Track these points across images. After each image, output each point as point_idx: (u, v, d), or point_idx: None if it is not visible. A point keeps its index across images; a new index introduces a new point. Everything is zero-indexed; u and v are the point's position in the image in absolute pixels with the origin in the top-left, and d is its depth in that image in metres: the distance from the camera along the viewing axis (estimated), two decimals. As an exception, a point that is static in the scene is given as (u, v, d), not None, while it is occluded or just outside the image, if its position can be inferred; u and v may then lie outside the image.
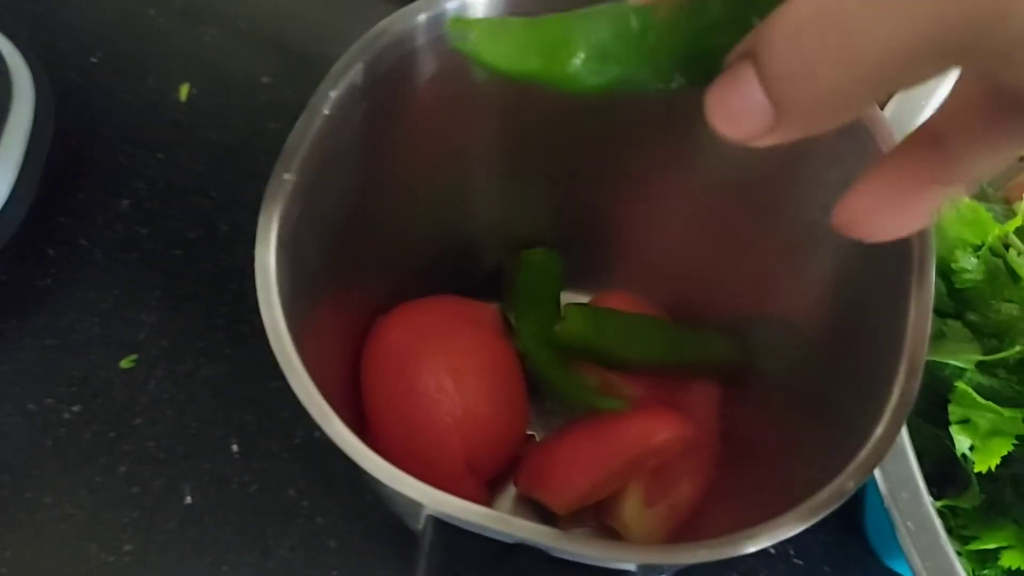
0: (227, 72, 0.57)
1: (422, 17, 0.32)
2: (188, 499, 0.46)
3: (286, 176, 0.29)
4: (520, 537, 0.25)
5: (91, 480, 0.46)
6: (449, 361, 0.37)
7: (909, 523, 0.30)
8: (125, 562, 0.44)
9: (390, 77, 0.32)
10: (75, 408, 0.48)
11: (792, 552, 0.46)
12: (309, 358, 0.28)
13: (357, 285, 0.37)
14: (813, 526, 0.48)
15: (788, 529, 0.25)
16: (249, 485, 0.46)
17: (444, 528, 0.26)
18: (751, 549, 0.25)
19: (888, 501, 0.31)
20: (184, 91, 0.56)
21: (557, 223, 0.41)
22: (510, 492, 0.42)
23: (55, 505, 0.45)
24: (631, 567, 0.26)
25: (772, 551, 0.46)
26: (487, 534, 0.26)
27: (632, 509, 0.38)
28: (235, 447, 0.47)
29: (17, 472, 0.46)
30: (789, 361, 0.37)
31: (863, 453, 0.26)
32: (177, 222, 0.52)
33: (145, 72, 0.57)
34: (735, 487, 0.38)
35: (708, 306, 0.41)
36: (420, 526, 0.28)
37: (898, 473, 0.31)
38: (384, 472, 0.25)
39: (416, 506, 0.27)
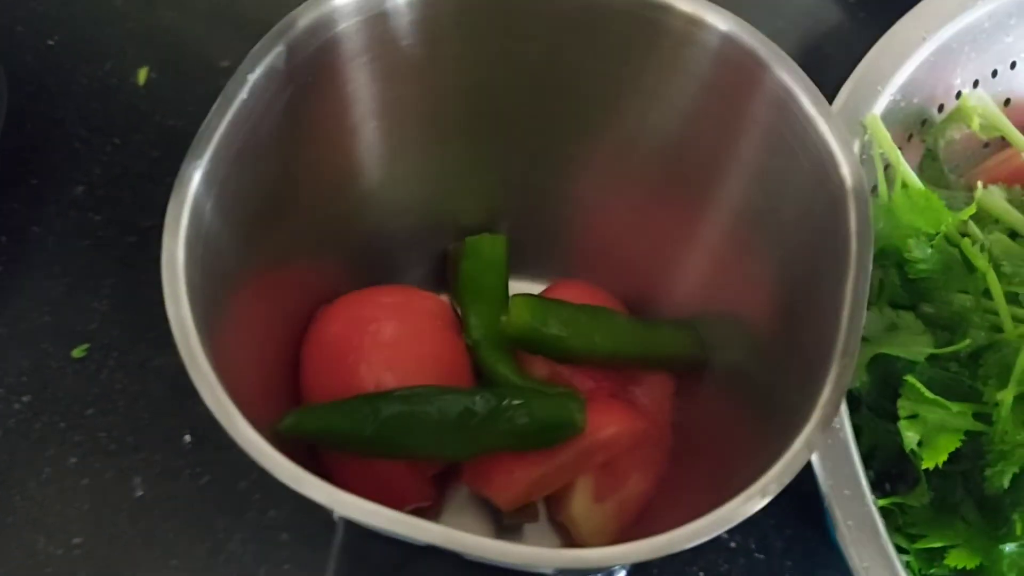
0: (186, 56, 0.56)
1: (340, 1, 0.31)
2: (139, 491, 0.45)
3: (196, 164, 0.28)
4: (429, 541, 0.24)
5: (40, 472, 0.45)
6: (389, 354, 0.36)
7: (850, 522, 0.29)
8: (74, 555, 0.44)
9: (313, 61, 0.31)
10: (25, 398, 0.47)
11: (754, 547, 0.45)
12: (223, 354, 0.27)
13: (288, 276, 0.36)
14: (775, 521, 0.47)
15: (704, 533, 0.24)
16: (200, 477, 0.45)
17: (354, 530, 0.25)
18: (647, 558, 0.24)
19: (829, 499, 0.30)
20: (142, 75, 0.55)
21: (505, 209, 0.40)
22: (462, 488, 0.41)
23: (3, 497, 0.45)
24: (548, 571, 0.25)
25: (733, 544, 0.45)
26: (397, 537, 0.25)
27: (581, 504, 0.37)
28: (187, 438, 0.46)
29: (-35, 464, 0.45)
30: (740, 354, 0.36)
31: (794, 446, 0.25)
32: (131, 209, 0.51)
33: (103, 56, 0.56)
34: (686, 481, 0.37)
35: (663, 298, 0.41)
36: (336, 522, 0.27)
37: (840, 471, 0.30)
38: (288, 474, 0.24)
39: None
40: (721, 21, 0.30)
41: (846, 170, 0.28)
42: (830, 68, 0.31)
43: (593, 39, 0.32)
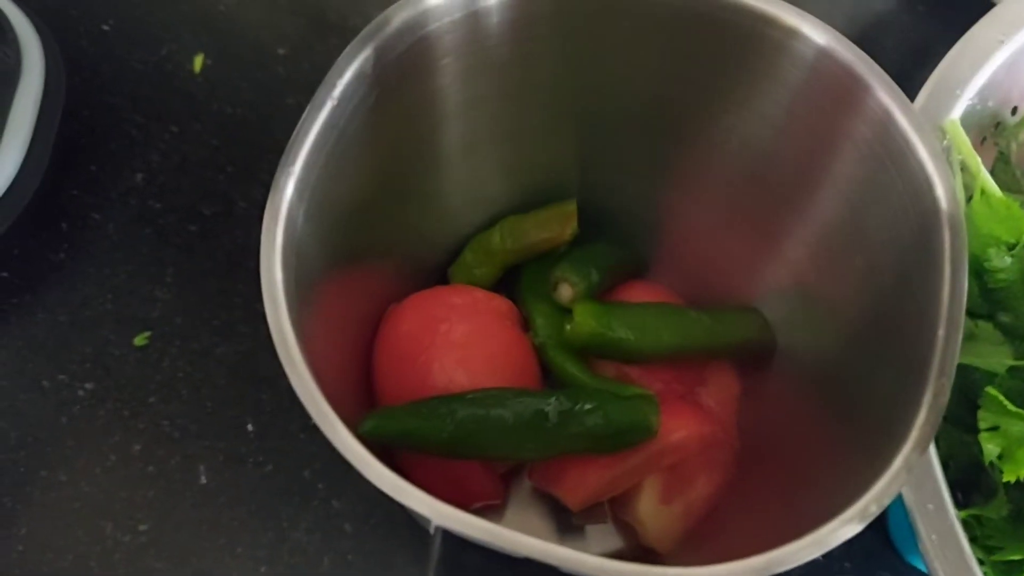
0: (242, 43, 0.56)
1: (432, 1, 0.30)
2: (203, 479, 0.46)
3: (289, 171, 0.28)
4: (527, 554, 0.24)
5: (106, 459, 0.46)
6: (461, 354, 0.36)
7: (934, 536, 0.29)
8: (141, 542, 0.44)
9: (400, 63, 0.31)
10: (88, 385, 0.47)
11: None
12: (315, 358, 0.27)
13: (366, 274, 0.36)
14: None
15: (817, 548, 0.24)
16: (264, 465, 0.46)
17: (453, 539, 0.26)
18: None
19: (913, 513, 0.30)
20: (198, 62, 0.55)
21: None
22: (525, 485, 0.42)
23: (70, 483, 0.45)
24: (643, 585, 0.25)
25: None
26: (495, 549, 0.25)
27: (648, 506, 0.37)
28: (250, 427, 0.47)
29: (32, 449, 0.46)
30: (817, 361, 0.36)
31: (896, 463, 0.25)
32: (192, 197, 0.52)
33: (158, 41, 0.56)
34: (753, 485, 0.37)
35: (731, 292, 0.40)
36: (431, 532, 0.28)
37: (924, 485, 0.30)
38: (390, 485, 0.25)
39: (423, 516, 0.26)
40: (818, 34, 0.30)
41: (941, 192, 0.28)
42: (885, 59, 0.30)
43: (687, 45, 0.32)
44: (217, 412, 0.47)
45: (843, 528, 0.24)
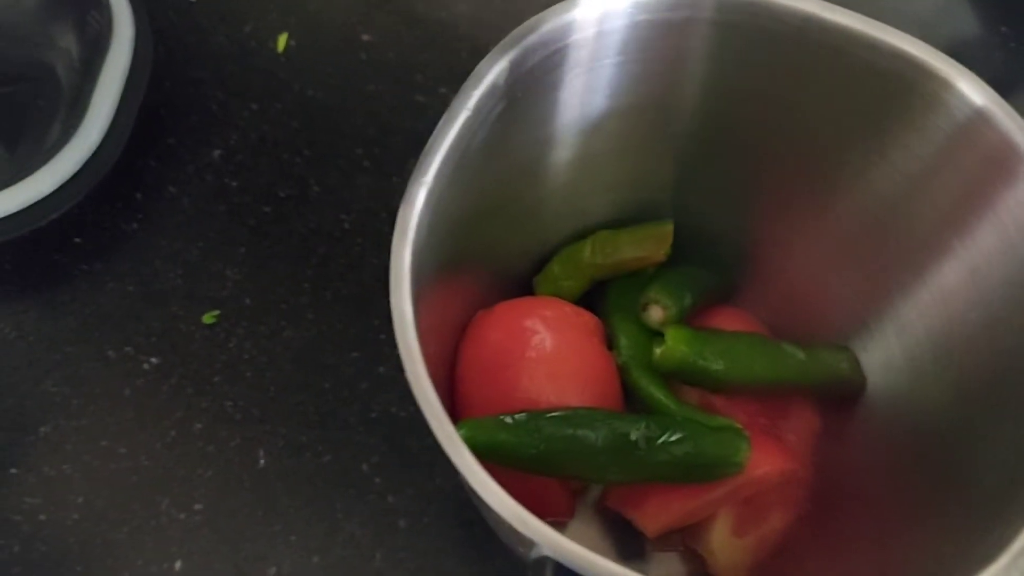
0: (327, 25, 0.56)
1: (576, 14, 0.30)
2: (262, 463, 0.45)
3: (422, 182, 0.27)
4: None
5: (166, 434, 0.46)
6: (551, 368, 0.36)
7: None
8: (196, 520, 0.44)
9: (532, 75, 0.31)
10: (154, 359, 0.47)
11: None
12: (427, 359, 0.27)
13: (460, 283, 0.36)
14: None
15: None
16: (323, 455, 0.46)
17: (561, 569, 0.25)
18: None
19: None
20: (282, 41, 0.55)
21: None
22: (588, 501, 0.41)
23: (130, 456, 0.45)
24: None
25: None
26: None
27: (721, 537, 0.37)
28: (312, 415, 0.46)
29: (94, 418, 0.46)
30: (913, 398, 0.35)
31: (1016, 545, 0.24)
32: (267, 178, 0.51)
33: (243, 17, 0.56)
34: (835, 526, 0.37)
35: (822, 328, 0.40)
36: (529, 556, 0.28)
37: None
38: (510, 512, 0.24)
39: (529, 543, 0.26)
40: (976, 93, 0.29)
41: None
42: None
43: (832, 85, 0.31)
44: (280, 397, 0.47)
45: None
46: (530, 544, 0.26)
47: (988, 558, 0.24)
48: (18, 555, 0.43)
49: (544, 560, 0.26)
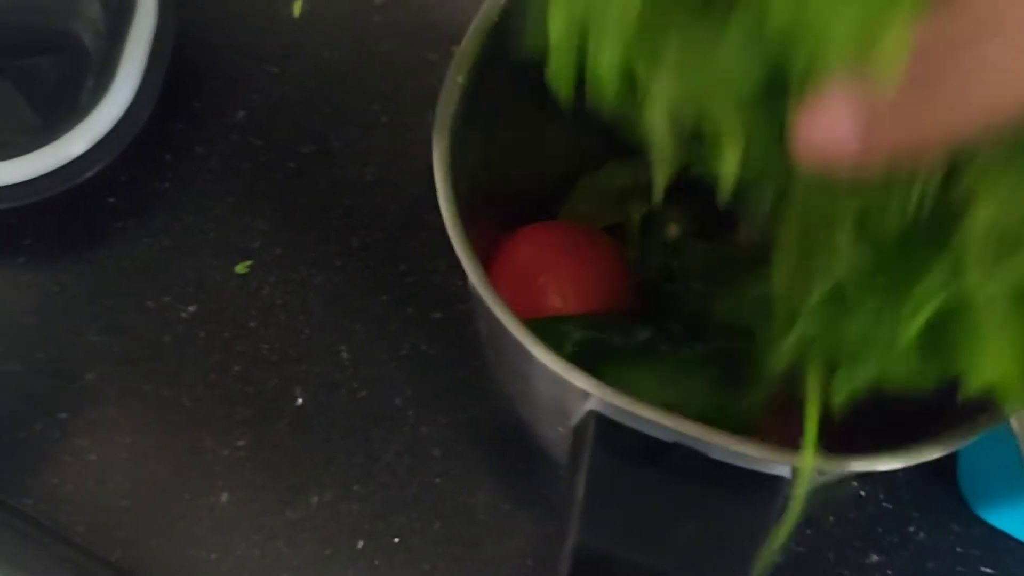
0: (340, -12, 0.58)
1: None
2: (299, 400, 0.48)
3: (459, 79, 0.30)
4: (679, 434, 0.26)
5: (206, 377, 0.48)
6: (574, 273, 0.38)
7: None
8: (239, 456, 0.46)
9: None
10: (191, 308, 0.49)
11: (882, 496, 0.46)
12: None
13: (495, 202, 0.38)
14: (904, 471, 0.49)
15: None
16: (357, 392, 0.48)
17: (605, 424, 0.28)
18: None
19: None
20: (297, 6, 0.57)
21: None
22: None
23: (172, 397, 0.47)
24: (786, 473, 0.27)
25: (863, 493, 0.47)
26: (649, 431, 0.27)
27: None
28: (344, 354, 0.49)
29: (136, 364, 0.48)
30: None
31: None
32: (290, 136, 0.53)
33: (260, -16, 0.58)
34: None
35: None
36: (571, 423, 0.30)
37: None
38: (558, 364, 0.27)
39: (575, 402, 0.29)
40: None
41: None
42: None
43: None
44: (313, 339, 0.49)
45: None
46: (582, 396, 0.28)
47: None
48: (71, 493, 0.45)
49: (586, 421, 0.28)
